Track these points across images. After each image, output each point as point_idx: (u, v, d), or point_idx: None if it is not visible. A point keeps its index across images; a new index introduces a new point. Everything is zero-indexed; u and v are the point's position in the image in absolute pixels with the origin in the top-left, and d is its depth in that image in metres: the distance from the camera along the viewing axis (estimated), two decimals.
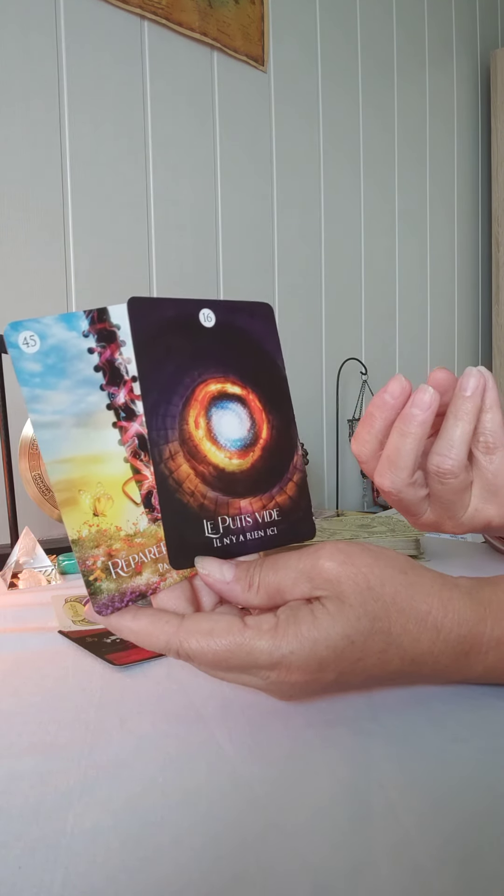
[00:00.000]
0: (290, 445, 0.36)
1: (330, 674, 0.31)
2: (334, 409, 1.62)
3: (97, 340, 0.32)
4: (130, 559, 0.32)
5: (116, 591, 0.31)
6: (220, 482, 0.33)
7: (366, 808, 0.27)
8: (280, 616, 0.31)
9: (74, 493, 0.30)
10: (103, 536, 0.31)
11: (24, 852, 0.25)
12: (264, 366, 0.36)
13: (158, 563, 0.32)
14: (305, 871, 0.24)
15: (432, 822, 0.26)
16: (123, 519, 0.32)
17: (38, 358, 0.30)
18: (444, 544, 0.85)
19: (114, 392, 0.32)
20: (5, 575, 0.71)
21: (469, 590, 0.34)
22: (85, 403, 0.31)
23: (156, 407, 0.32)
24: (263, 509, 0.35)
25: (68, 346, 0.31)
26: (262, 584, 0.32)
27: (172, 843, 0.25)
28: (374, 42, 1.72)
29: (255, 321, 0.37)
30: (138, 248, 1.21)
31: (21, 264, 1.04)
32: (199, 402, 0.33)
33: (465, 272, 2.13)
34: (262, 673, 0.30)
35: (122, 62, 1.16)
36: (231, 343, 0.35)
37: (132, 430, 0.32)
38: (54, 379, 0.30)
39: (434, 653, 0.32)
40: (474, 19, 2.14)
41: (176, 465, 0.32)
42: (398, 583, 0.32)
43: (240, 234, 1.40)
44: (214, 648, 0.30)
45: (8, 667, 0.45)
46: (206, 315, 0.35)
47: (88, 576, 0.31)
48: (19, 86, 1.03)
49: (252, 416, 0.35)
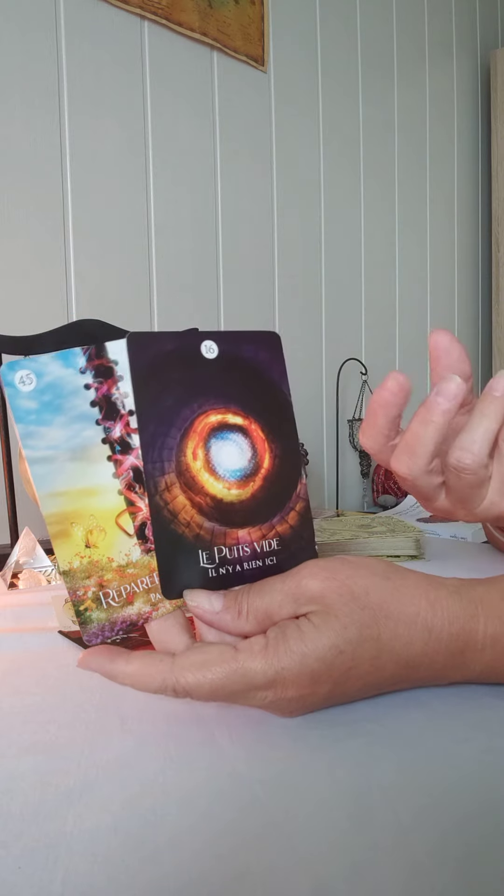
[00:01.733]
0: (293, 474, 0.36)
1: (324, 685, 0.31)
2: (334, 409, 1.62)
3: (94, 376, 0.32)
4: (122, 589, 0.32)
5: (107, 620, 0.32)
6: (217, 512, 0.33)
7: (366, 808, 0.27)
8: (269, 636, 0.31)
9: (67, 525, 0.31)
10: (95, 567, 0.31)
11: (24, 852, 0.25)
12: (268, 394, 0.36)
13: (150, 594, 0.32)
14: (305, 871, 0.24)
15: (432, 821, 0.26)
16: (116, 550, 0.32)
17: (33, 396, 0.30)
18: (444, 544, 0.85)
19: (109, 426, 0.32)
20: (5, 575, 0.71)
21: (457, 588, 0.34)
22: (80, 438, 0.31)
23: (153, 439, 0.32)
24: (263, 539, 0.35)
25: (65, 382, 0.31)
26: (250, 611, 0.32)
27: (172, 842, 0.25)
28: (373, 42, 1.72)
29: (261, 350, 0.36)
30: (138, 248, 1.21)
31: (21, 264, 1.04)
32: (198, 434, 0.33)
33: (465, 272, 2.13)
34: (260, 694, 0.31)
35: (122, 62, 1.16)
36: (233, 373, 0.35)
37: (127, 463, 0.32)
38: (50, 415, 0.31)
39: (428, 654, 0.32)
40: (474, 19, 2.14)
41: (171, 496, 0.32)
42: (382, 589, 0.32)
43: (240, 234, 1.40)
44: (210, 678, 0.30)
45: (8, 667, 0.45)
46: (209, 346, 0.35)
47: (79, 606, 0.31)
48: (19, 85, 1.03)
49: (253, 446, 0.35)
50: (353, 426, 1.61)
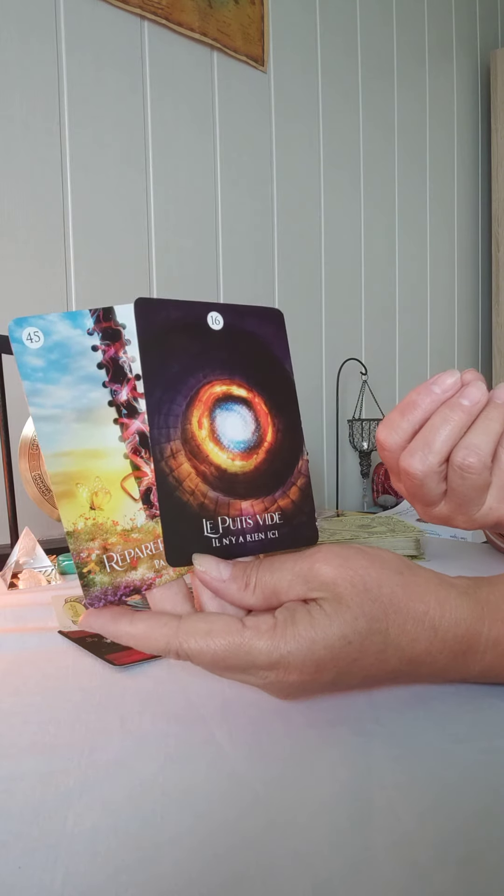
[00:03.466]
0: (296, 450, 0.36)
1: (328, 674, 0.31)
2: (334, 409, 1.62)
3: (102, 338, 0.32)
4: (126, 554, 0.32)
5: (110, 584, 0.31)
6: (221, 482, 0.33)
7: (366, 808, 0.27)
8: (278, 617, 0.31)
9: (72, 485, 0.31)
10: (99, 530, 0.31)
11: (24, 852, 0.25)
12: (272, 370, 0.36)
13: (155, 560, 0.32)
14: (305, 871, 0.24)
15: (432, 821, 0.26)
16: (121, 514, 0.32)
17: (41, 353, 0.30)
18: (444, 544, 0.85)
19: (116, 389, 0.32)
20: (5, 575, 0.71)
21: (466, 589, 0.34)
22: (86, 399, 0.31)
23: (159, 405, 0.32)
24: (265, 512, 0.35)
25: (72, 342, 0.31)
26: (258, 585, 0.32)
27: (172, 842, 0.25)
28: (374, 41, 1.72)
29: (265, 326, 0.37)
30: (138, 248, 1.21)
31: (21, 264, 1.04)
32: (204, 403, 0.34)
33: (465, 272, 2.13)
34: (261, 673, 0.30)
35: (122, 62, 1.16)
36: (238, 346, 0.35)
37: (133, 427, 0.32)
38: (56, 374, 0.31)
39: (432, 652, 0.32)
40: (474, 19, 2.14)
41: (177, 463, 0.32)
42: (395, 584, 0.32)
43: (240, 234, 1.40)
44: (213, 649, 0.30)
45: (8, 667, 0.45)
46: (214, 318, 0.35)
47: (82, 568, 0.31)
48: (19, 85, 1.03)
49: (257, 419, 0.35)
50: (352, 426, 1.61)
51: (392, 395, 1.84)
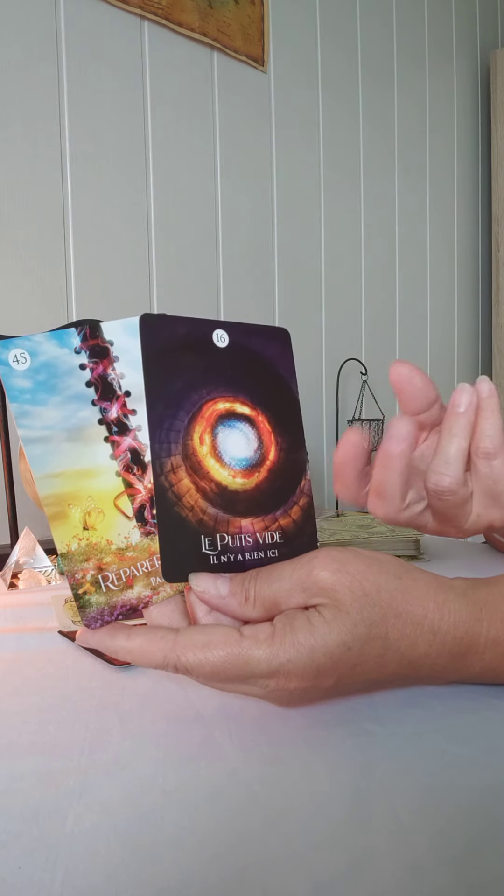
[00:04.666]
0: (298, 469, 0.36)
1: (328, 680, 0.31)
2: (334, 409, 1.62)
3: (89, 356, 0.32)
4: (121, 573, 0.32)
5: (106, 604, 0.31)
6: (221, 499, 0.33)
7: (365, 808, 0.27)
8: (276, 625, 0.31)
9: (64, 507, 0.31)
10: (93, 550, 0.31)
11: (24, 852, 0.25)
12: (276, 388, 0.36)
13: (151, 577, 0.32)
14: (305, 870, 0.24)
15: (431, 821, 0.26)
16: (115, 533, 0.32)
17: (28, 375, 0.30)
18: (444, 544, 0.85)
19: (106, 407, 0.32)
20: (5, 575, 0.71)
21: (464, 591, 0.34)
22: (76, 419, 0.31)
23: (160, 420, 0.32)
24: (266, 530, 0.34)
25: (59, 362, 0.31)
26: (257, 597, 0.32)
27: (172, 842, 0.25)
28: (374, 41, 1.72)
29: (270, 345, 0.36)
30: (138, 247, 1.21)
31: (21, 264, 1.04)
32: (206, 420, 0.33)
33: (465, 272, 2.13)
34: (261, 682, 0.31)
35: (122, 62, 1.16)
36: (243, 364, 0.35)
37: (125, 445, 0.32)
38: (45, 395, 0.31)
39: (431, 655, 0.32)
40: (474, 20, 2.14)
41: (177, 478, 0.32)
42: (393, 588, 0.32)
43: (239, 234, 1.40)
44: (212, 660, 0.30)
45: (8, 667, 0.45)
46: (220, 335, 0.35)
47: (77, 589, 0.31)
48: (19, 86, 1.03)
49: (260, 437, 0.35)
50: (352, 426, 1.61)
51: (392, 395, 1.84)
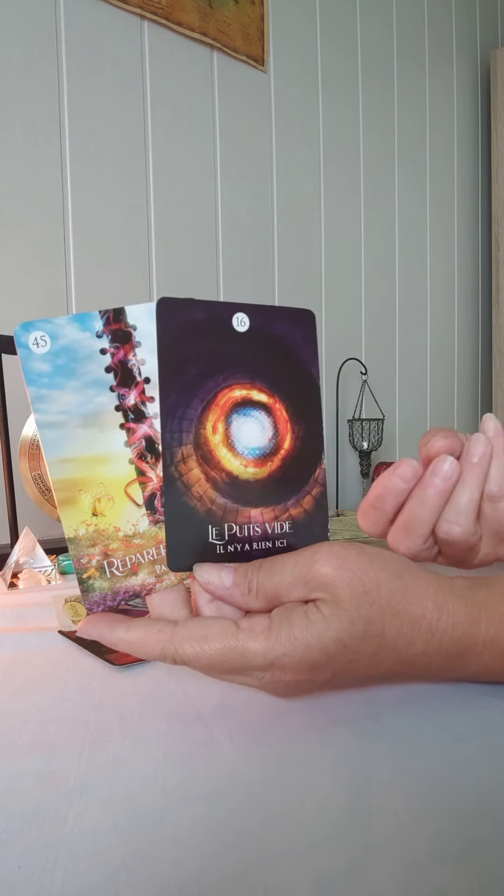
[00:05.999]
0: (314, 458, 0.35)
1: (324, 674, 0.31)
2: (334, 409, 1.62)
3: (111, 341, 0.31)
4: (127, 559, 0.31)
5: (109, 589, 0.31)
6: (231, 489, 0.33)
7: (365, 807, 0.27)
8: (274, 618, 0.31)
9: (74, 492, 0.30)
10: (100, 536, 0.31)
11: (24, 852, 0.25)
12: (296, 374, 0.35)
13: (156, 565, 0.32)
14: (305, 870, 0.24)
15: (431, 820, 0.26)
16: (123, 520, 0.31)
17: (47, 358, 0.30)
18: None
19: (124, 393, 0.31)
20: (5, 575, 0.71)
21: (464, 592, 0.34)
22: (93, 404, 0.31)
23: (173, 409, 0.31)
24: (275, 520, 0.34)
25: (80, 346, 0.30)
26: (259, 589, 0.32)
27: (172, 842, 0.25)
28: (373, 41, 1.72)
29: (294, 328, 0.35)
30: (138, 247, 1.21)
31: (21, 264, 1.04)
32: (220, 408, 0.33)
33: (465, 272, 2.13)
34: (257, 674, 0.31)
35: (121, 62, 1.16)
36: (263, 349, 0.34)
37: (140, 432, 0.31)
38: (62, 379, 0.30)
39: (427, 654, 0.32)
40: (474, 20, 2.14)
41: (187, 468, 0.32)
42: (393, 587, 0.32)
43: (239, 233, 1.40)
44: (209, 653, 0.30)
45: (8, 667, 0.45)
46: (240, 319, 0.34)
47: (82, 573, 0.31)
48: (19, 86, 1.03)
49: (276, 426, 0.34)
50: (352, 426, 1.61)
51: (392, 395, 1.84)
